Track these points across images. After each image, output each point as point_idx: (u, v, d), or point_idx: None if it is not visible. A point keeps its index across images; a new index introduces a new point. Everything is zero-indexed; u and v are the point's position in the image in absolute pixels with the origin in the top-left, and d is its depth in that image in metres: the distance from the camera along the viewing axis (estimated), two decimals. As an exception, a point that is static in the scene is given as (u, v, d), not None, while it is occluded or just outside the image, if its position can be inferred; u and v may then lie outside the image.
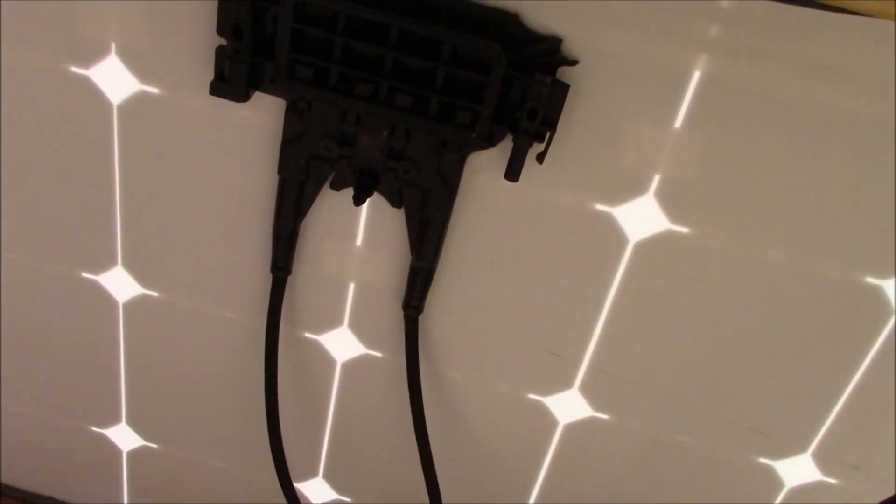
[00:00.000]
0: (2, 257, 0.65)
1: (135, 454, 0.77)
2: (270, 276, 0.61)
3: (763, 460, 0.63)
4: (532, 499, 0.70)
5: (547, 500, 0.70)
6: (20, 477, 0.83)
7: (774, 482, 0.64)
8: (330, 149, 0.54)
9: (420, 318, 0.61)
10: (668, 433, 0.63)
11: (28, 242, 0.64)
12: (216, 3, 0.49)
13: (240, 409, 0.71)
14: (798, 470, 0.63)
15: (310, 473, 0.74)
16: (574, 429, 0.65)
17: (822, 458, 0.62)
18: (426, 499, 0.66)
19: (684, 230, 0.54)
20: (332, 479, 0.74)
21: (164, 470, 0.78)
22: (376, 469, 0.72)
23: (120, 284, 0.65)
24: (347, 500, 0.75)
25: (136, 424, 0.75)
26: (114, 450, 0.78)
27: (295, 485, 0.74)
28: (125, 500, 0.82)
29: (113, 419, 0.75)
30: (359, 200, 0.53)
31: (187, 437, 0.75)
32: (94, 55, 0.54)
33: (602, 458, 0.66)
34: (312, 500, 0.76)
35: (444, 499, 0.70)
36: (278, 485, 0.68)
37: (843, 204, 0.51)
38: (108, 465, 0.79)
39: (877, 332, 0.55)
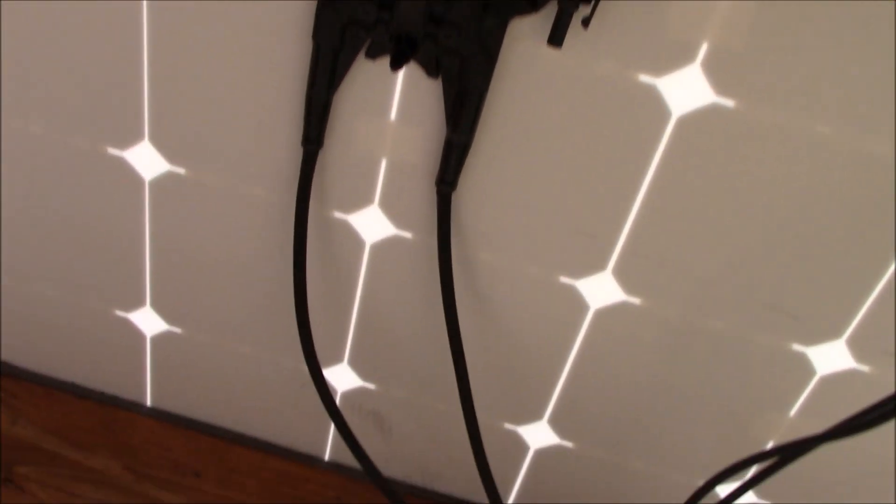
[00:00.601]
0: (28, 130, 0.64)
1: (158, 339, 0.77)
2: (301, 150, 0.60)
3: (796, 346, 0.62)
4: (560, 384, 0.70)
5: (575, 386, 0.69)
6: (42, 361, 0.83)
7: (806, 369, 0.63)
8: (368, 12, 0.52)
9: (452, 196, 0.60)
10: (700, 318, 0.63)
11: (52, 114, 0.63)
12: None
13: (265, 292, 0.70)
14: (831, 356, 0.62)
15: (334, 359, 0.74)
16: (605, 314, 0.64)
17: (855, 345, 0.61)
18: (454, 385, 0.66)
19: (730, 103, 0.52)
20: (357, 365, 0.74)
21: (189, 355, 0.78)
22: (403, 355, 0.72)
23: (146, 160, 0.64)
24: (372, 387, 0.75)
25: (161, 308, 0.75)
26: (137, 334, 0.77)
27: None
28: (148, 387, 0.82)
29: (137, 303, 0.75)
30: (396, 64, 0.51)
31: (212, 322, 0.74)
32: None
33: (633, 343, 0.65)
34: (337, 388, 0.76)
35: (472, 385, 0.70)
36: (304, 369, 0.68)
37: (898, 74, 0.49)
38: (132, 349, 0.79)
39: (922, 213, 0.54)
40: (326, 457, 0.83)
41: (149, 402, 0.84)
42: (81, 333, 0.79)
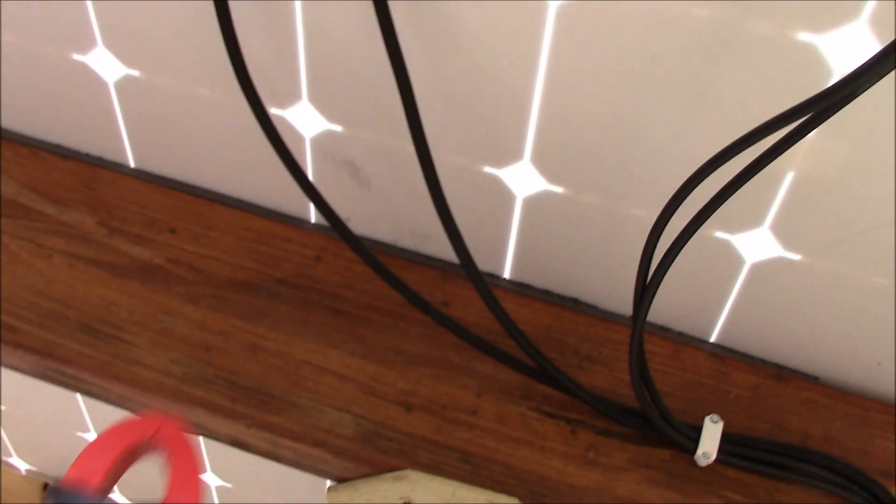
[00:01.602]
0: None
1: (120, 86, 0.72)
2: None
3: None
4: (533, 117, 0.61)
5: (550, 119, 0.60)
6: (24, 122, 0.80)
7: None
8: None
9: None
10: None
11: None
12: None
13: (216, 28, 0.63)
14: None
15: (293, 98, 0.67)
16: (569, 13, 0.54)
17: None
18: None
19: None
20: (318, 103, 0.67)
21: (153, 104, 0.73)
22: (361, 91, 0.64)
23: None
24: (339, 129, 0.68)
25: (115, 50, 0.69)
26: (100, 82, 0.73)
27: (278, 112, 0.68)
28: (126, 144, 0.78)
29: (89, 44, 0.70)
30: None
31: (167, 63, 0.69)
32: None
33: (603, 47, 0.55)
34: (304, 133, 0.69)
35: (438, 125, 0.62)
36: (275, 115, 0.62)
37: None
38: (100, 100, 0.74)
39: None
40: (312, 219, 0.78)
41: (132, 164, 0.80)
42: (50, 86, 0.75)
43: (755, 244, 0.64)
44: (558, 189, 0.65)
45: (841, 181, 0.57)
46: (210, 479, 0.93)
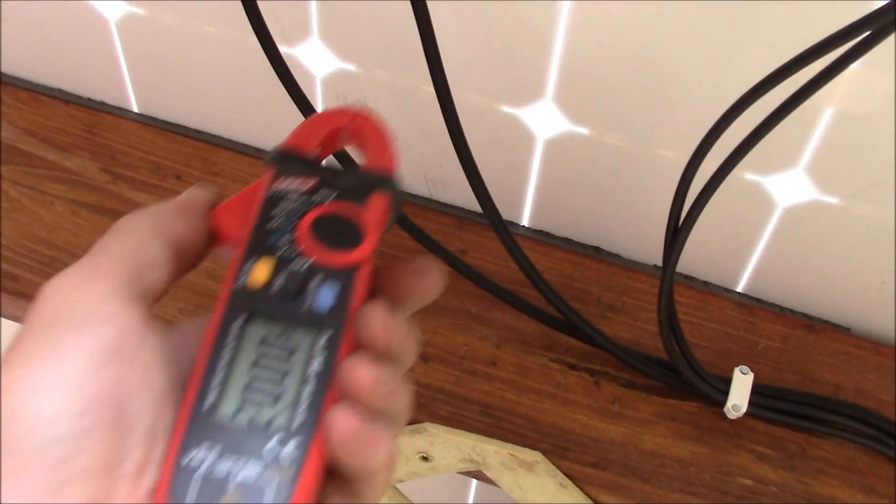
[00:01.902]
0: None
1: (123, 24, 0.69)
2: None
3: None
4: (556, 56, 0.58)
5: (573, 58, 0.57)
6: (26, 66, 0.77)
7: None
8: None
9: None
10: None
11: None
12: None
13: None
14: None
15: (303, 35, 0.64)
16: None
17: None
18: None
19: None
20: (330, 40, 0.64)
21: (157, 44, 0.69)
22: (377, 28, 0.61)
23: None
24: (352, 68, 0.65)
25: (115, -15, 0.66)
26: (103, 23, 0.69)
27: (288, 51, 0.65)
28: (130, 89, 0.75)
29: (90, -21, 0.66)
30: None
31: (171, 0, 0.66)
32: None
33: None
34: (314, 72, 0.66)
35: (448, 51, 0.59)
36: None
37: None
38: (102, 43, 0.71)
39: None
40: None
41: (135, 108, 0.77)
42: (49, 27, 0.72)
43: (789, 187, 0.61)
44: (582, 130, 0.62)
45: (884, 117, 0.54)
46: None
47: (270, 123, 0.72)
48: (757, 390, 0.61)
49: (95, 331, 0.29)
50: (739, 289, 0.69)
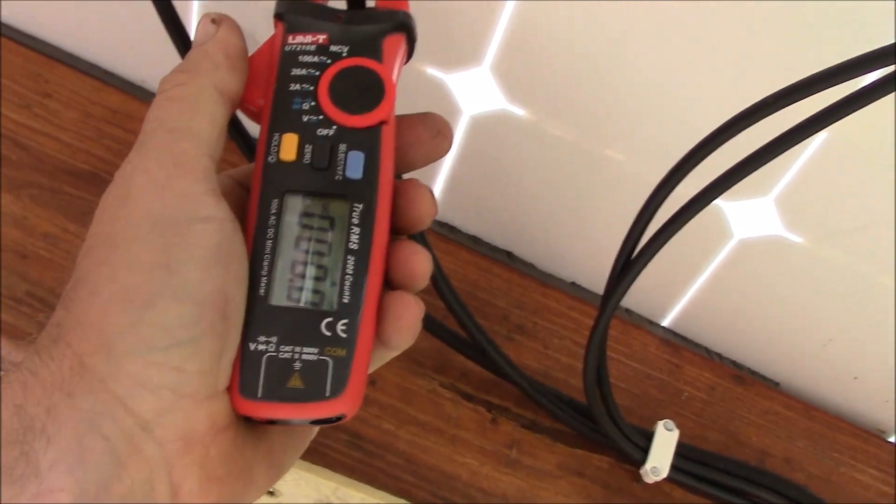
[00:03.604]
0: None
1: None
2: None
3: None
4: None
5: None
6: None
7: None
8: None
9: None
10: None
11: None
12: None
13: None
14: None
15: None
16: None
17: None
18: None
19: None
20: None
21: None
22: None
23: None
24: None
25: None
26: None
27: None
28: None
29: None
30: None
31: None
32: None
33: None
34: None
35: None
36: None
37: None
38: None
39: None
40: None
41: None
42: None
43: (752, 217, 0.51)
44: (519, 111, 0.51)
45: (873, 160, 0.45)
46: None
47: (126, 39, 0.57)
48: (680, 451, 0.51)
49: (200, 230, 0.27)
50: (665, 323, 0.60)
